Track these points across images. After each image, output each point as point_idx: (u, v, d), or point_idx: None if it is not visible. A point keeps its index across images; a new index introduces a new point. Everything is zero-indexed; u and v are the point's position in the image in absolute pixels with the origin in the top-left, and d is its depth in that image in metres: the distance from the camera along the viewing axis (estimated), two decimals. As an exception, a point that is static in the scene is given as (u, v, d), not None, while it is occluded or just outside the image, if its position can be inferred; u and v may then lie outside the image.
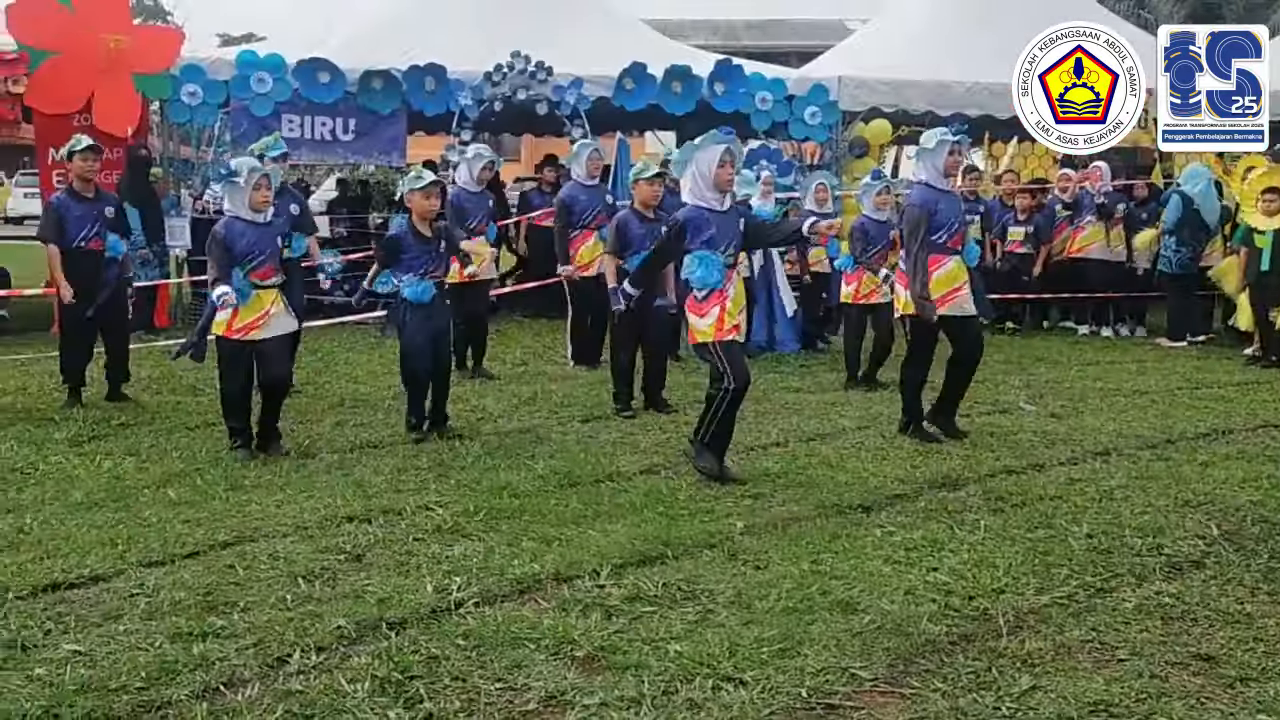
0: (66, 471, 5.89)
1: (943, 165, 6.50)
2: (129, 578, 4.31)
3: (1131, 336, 11.40)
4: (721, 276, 5.53)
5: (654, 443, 6.63)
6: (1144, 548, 4.76)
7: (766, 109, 12.12)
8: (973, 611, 4.03)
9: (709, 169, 5.54)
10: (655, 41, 14.25)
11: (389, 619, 3.89)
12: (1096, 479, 5.89)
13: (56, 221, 7.30)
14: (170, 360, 7.23)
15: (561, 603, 4.08)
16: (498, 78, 11.48)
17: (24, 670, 3.51)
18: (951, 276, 6.52)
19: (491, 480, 5.70)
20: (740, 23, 37.32)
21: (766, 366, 8.95)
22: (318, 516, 5.07)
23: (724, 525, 4.98)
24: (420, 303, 6.48)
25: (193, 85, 10.91)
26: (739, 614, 3.99)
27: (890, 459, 6.26)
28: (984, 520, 5.11)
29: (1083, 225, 11.45)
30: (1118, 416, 7.48)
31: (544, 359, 9.56)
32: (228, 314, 6.03)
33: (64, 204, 7.38)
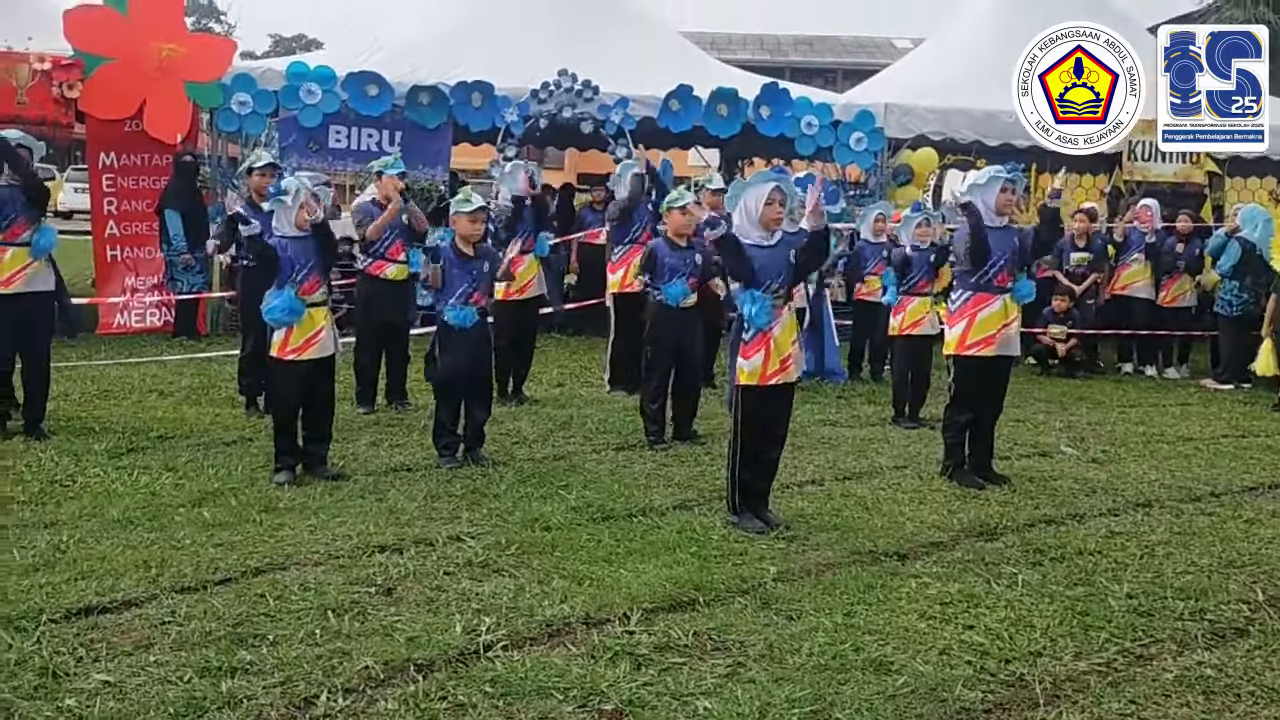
0: (105, 485, 5.94)
1: (994, 202, 6.42)
2: (161, 604, 4.32)
3: (1175, 378, 11.20)
4: (770, 318, 5.46)
5: (688, 476, 6.59)
6: (1186, 611, 4.66)
7: (812, 133, 12.08)
8: (1009, 677, 3.96)
9: (756, 206, 5.49)
10: (701, 59, 14.26)
11: (417, 660, 3.88)
12: (1138, 533, 5.78)
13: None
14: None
15: (591, 649, 4.05)
16: (544, 95, 11.52)
17: (54, 700, 3.53)
18: (997, 317, 6.43)
19: (524, 511, 5.68)
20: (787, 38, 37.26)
21: (805, 398, 8.85)
22: (350, 544, 5.07)
23: (757, 570, 4.93)
24: (462, 327, 6.50)
25: (243, 95, 11.02)
26: (770, 669, 3.94)
27: (928, 502, 6.18)
28: (1022, 574, 5.02)
29: (1128, 263, 11.27)
30: (1160, 465, 7.35)
31: (581, 380, 9.55)
32: (281, 334, 6.05)
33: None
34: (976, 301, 6.39)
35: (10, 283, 6.68)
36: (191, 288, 10.96)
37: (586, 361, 10.27)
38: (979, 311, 6.39)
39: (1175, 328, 11.36)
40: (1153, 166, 12.71)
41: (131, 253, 11.18)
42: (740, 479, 5.60)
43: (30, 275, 6.75)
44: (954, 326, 6.49)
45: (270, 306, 6.01)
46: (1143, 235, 11.17)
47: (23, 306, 6.74)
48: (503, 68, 11.49)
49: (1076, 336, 10.91)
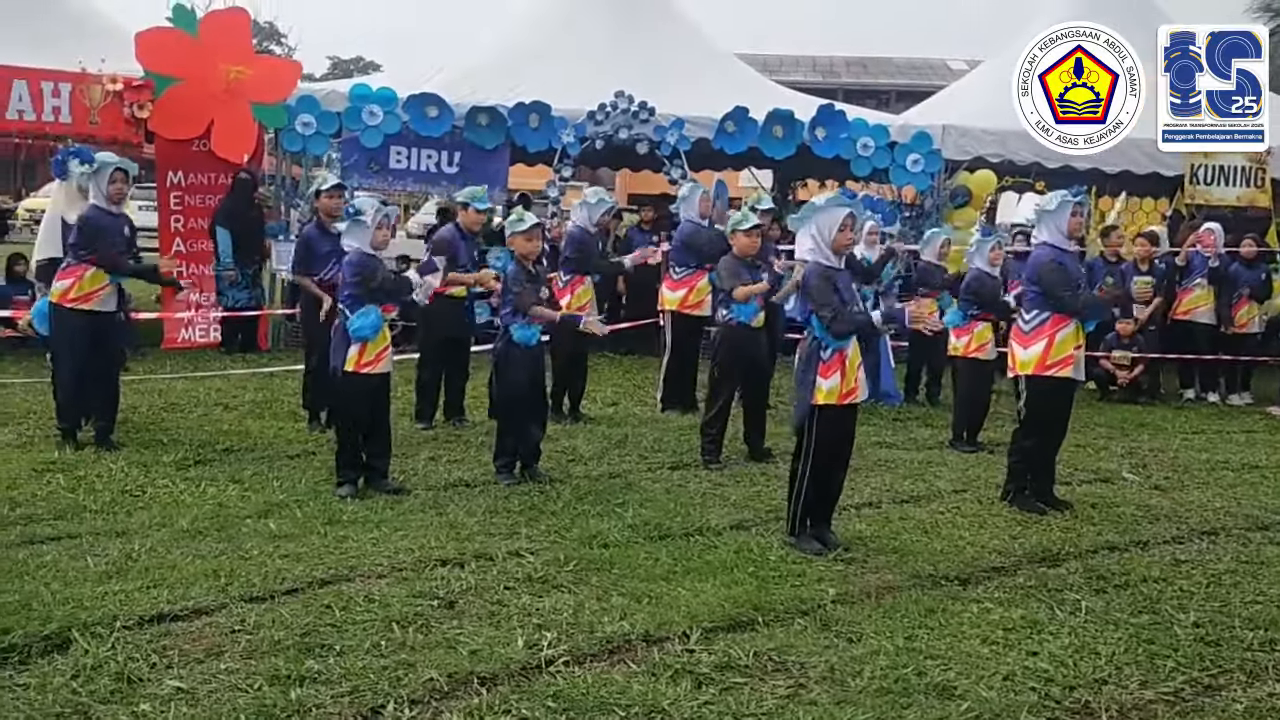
0: (174, 496, 6.08)
1: (1066, 226, 6.39)
2: (230, 612, 4.41)
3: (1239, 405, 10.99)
4: (851, 337, 5.50)
5: (744, 496, 6.59)
6: (1255, 641, 4.58)
7: (868, 155, 12.05)
8: (1074, 704, 3.92)
9: (830, 232, 5.50)
10: (755, 81, 14.31)
11: (480, 673, 3.92)
12: (1204, 561, 5.69)
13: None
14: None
15: (651, 666, 4.07)
16: (601, 117, 11.62)
17: (130, 705, 3.62)
18: (1070, 339, 6.38)
19: (581, 528, 5.72)
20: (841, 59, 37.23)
21: (862, 419, 8.75)
22: (412, 557, 5.14)
23: (815, 592, 4.92)
24: (526, 345, 6.57)
25: (307, 116, 11.24)
26: (831, 691, 3.93)
27: (988, 527, 6.13)
28: (1085, 601, 4.97)
29: (1191, 287, 11.10)
30: (1225, 492, 7.23)
31: (634, 399, 9.59)
32: (356, 349, 6.17)
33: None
34: (1055, 323, 6.34)
35: (90, 299, 6.95)
36: (236, 303, 11.16)
37: (640, 380, 10.31)
38: (1058, 332, 6.33)
39: (1240, 353, 11.16)
40: (1215, 190, 12.52)
41: (197, 269, 11.42)
42: (807, 501, 5.59)
43: (105, 296, 7.01)
44: (1030, 347, 6.40)
45: (360, 324, 6.12)
46: (1205, 259, 11.01)
47: (98, 323, 6.97)
48: (560, 89, 11.62)
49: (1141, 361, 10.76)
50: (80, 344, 7.00)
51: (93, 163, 7.03)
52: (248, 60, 11.31)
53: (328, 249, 7.46)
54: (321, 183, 7.90)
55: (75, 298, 6.93)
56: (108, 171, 6.94)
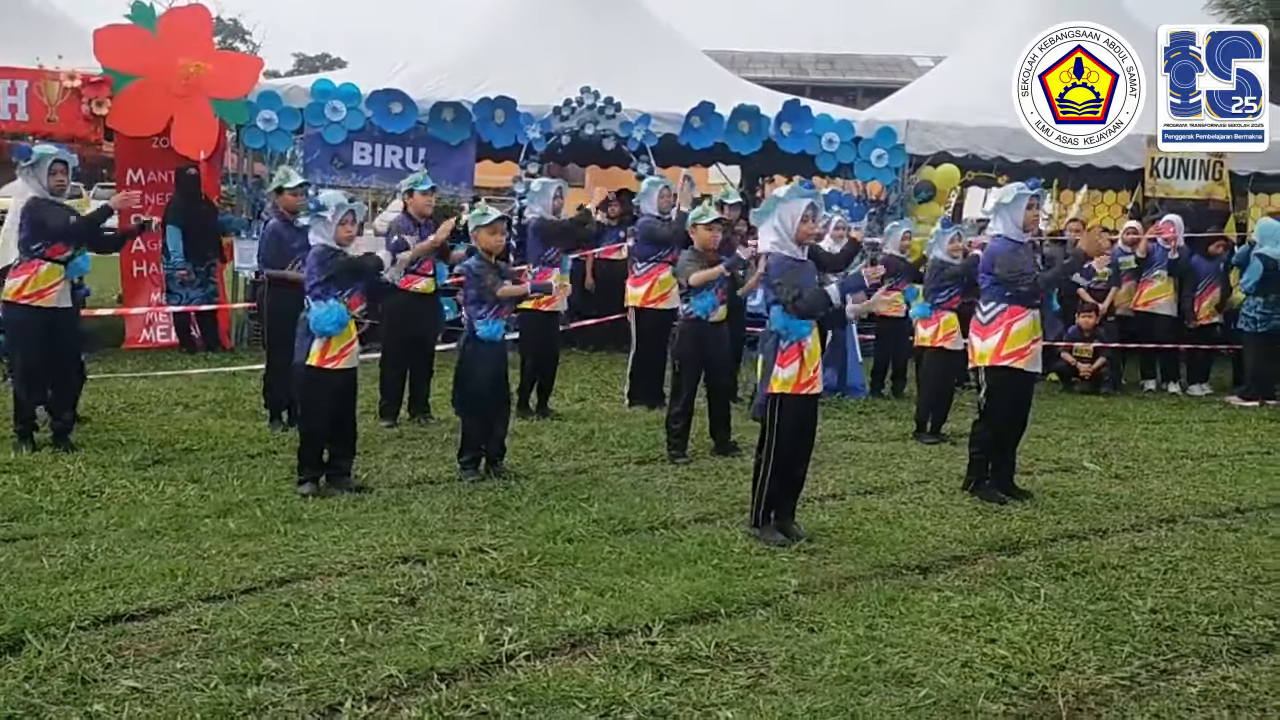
0: (132, 496, 6.00)
1: (1022, 219, 6.45)
2: (187, 612, 4.37)
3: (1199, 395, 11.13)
4: (810, 328, 5.52)
5: (710, 489, 6.60)
6: (1210, 626, 4.64)
7: (833, 150, 12.10)
8: (1031, 690, 3.95)
9: (792, 223, 5.53)
10: (722, 77, 14.33)
11: (440, 669, 3.90)
12: (1161, 548, 5.75)
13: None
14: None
15: (613, 659, 4.06)
16: (566, 112, 11.60)
17: (83, 706, 3.57)
18: (1027, 331, 6.44)
19: (546, 523, 5.71)
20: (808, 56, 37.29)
21: (826, 413, 8.80)
22: (373, 555, 5.10)
23: (778, 583, 4.93)
24: (491, 341, 6.55)
25: (269, 111, 11.14)
26: (792, 680, 3.95)
27: (949, 517, 6.17)
28: (1044, 588, 5.01)
29: (1151, 279, 11.24)
30: (1184, 480, 7.31)
31: (602, 395, 9.57)
32: (320, 344, 6.11)
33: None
34: (1010, 314, 6.40)
35: (43, 295, 6.83)
36: (190, 302, 11.05)
37: (608, 376, 10.30)
38: (1014, 323, 6.39)
39: (1199, 344, 11.30)
40: (1175, 183, 12.66)
41: (157, 269, 11.30)
42: (769, 492, 5.61)
43: (60, 292, 6.90)
44: (987, 339, 6.47)
45: (325, 318, 6.07)
46: (1165, 251, 11.13)
47: (51, 320, 6.87)
48: (526, 85, 11.58)
49: (1102, 353, 10.87)
50: (34, 341, 6.88)
51: (29, 157, 6.91)
52: (207, 55, 11.19)
53: (297, 243, 7.39)
54: (284, 179, 7.83)
55: (29, 294, 6.81)
56: (47, 163, 6.82)
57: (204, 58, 11.05)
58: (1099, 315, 11.05)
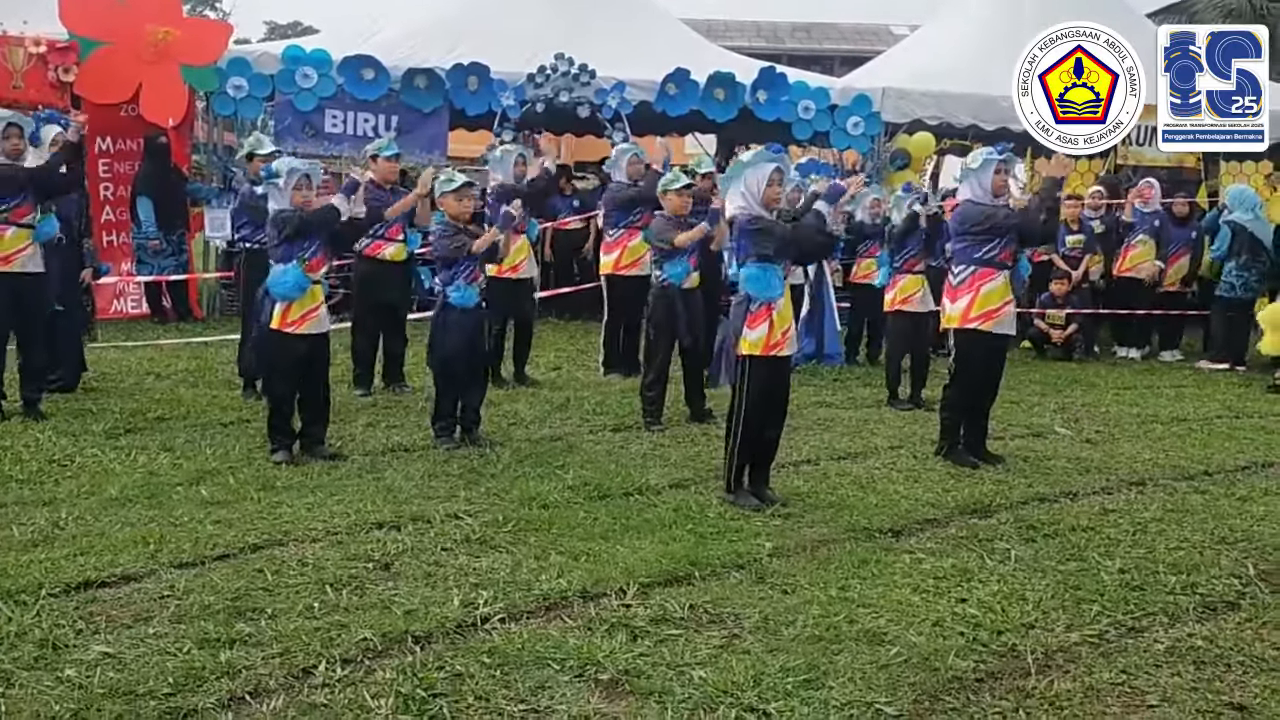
0: (103, 465, 5.96)
1: (990, 184, 6.46)
2: (159, 579, 4.35)
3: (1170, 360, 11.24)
4: (781, 289, 5.53)
5: (685, 456, 6.62)
6: (1178, 585, 4.69)
7: (809, 118, 12.09)
8: (1001, 647, 3.99)
9: (758, 188, 5.52)
10: (698, 44, 14.24)
11: (415, 632, 3.90)
12: (1131, 510, 5.82)
13: None
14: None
15: (587, 621, 4.08)
16: (540, 79, 11.51)
17: (54, 671, 3.55)
18: (999, 293, 6.46)
19: (521, 490, 5.71)
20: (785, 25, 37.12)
21: (802, 380, 8.90)
22: (347, 521, 5.10)
23: (752, 546, 4.96)
24: (464, 308, 6.52)
25: (239, 78, 11.01)
26: (765, 640, 3.98)
27: (922, 481, 6.22)
28: (1015, 550, 5.06)
29: (1134, 244, 11.29)
30: (1154, 445, 7.39)
31: (578, 364, 9.57)
32: (281, 307, 6.06)
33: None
34: (980, 276, 6.42)
35: (9, 261, 6.71)
36: (162, 271, 10.94)
37: (584, 345, 10.29)
38: (983, 285, 6.41)
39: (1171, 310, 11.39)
40: (1147, 151, 12.74)
41: (127, 238, 11.17)
42: (741, 456, 5.63)
43: (27, 258, 6.79)
44: (957, 301, 6.50)
45: (279, 281, 6.02)
46: (1147, 215, 11.19)
47: (18, 286, 6.77)
48: (500, 51, 11.49)
49: (1075, 320, 10.94)
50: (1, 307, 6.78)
51: None
52: (175, 21, 11.04)
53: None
54: (256, 144, 7.73)
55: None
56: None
57: (172, 23, 10.91)
58: (1072, 282, 11.10)
